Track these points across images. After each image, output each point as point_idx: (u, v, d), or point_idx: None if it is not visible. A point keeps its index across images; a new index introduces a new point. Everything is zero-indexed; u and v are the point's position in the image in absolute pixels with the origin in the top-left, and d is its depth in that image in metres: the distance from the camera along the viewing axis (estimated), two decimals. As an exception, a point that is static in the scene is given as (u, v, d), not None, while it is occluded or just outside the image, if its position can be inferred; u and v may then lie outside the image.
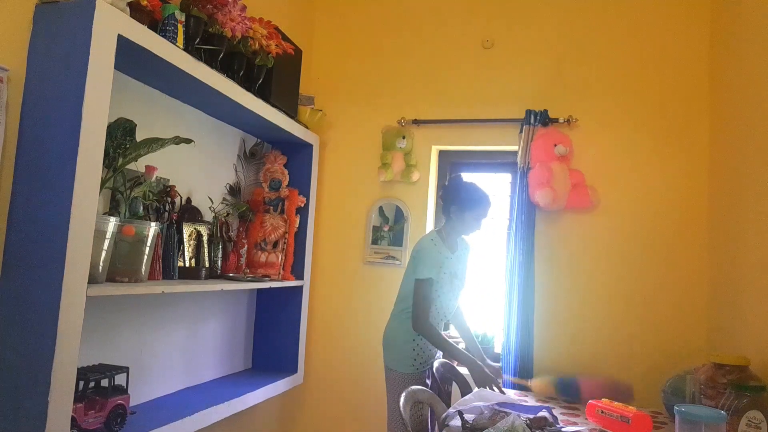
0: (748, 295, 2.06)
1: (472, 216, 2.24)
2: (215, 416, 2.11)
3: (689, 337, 2.49)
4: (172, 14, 1.81)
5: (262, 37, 2.21)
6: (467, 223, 2.25)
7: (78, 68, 1.44)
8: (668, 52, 2.66)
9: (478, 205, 2.23)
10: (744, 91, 2.20)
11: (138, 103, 1.97)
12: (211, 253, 2.30)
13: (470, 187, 2.27)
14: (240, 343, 2.73)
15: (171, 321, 2.21)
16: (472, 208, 2.23)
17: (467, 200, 2.23)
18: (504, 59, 2.90)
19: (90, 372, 1.66)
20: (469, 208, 2.23)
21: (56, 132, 1.45)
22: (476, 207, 2.23)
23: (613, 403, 1.89)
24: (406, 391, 1.98)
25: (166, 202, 2.02)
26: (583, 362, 2.61)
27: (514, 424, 1.63)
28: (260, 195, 2.69)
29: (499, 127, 2.85)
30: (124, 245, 1.69)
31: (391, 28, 3.13)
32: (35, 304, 1.41)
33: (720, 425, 1.47)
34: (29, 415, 1.38)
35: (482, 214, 2.26)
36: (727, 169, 2.36)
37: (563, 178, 2.61)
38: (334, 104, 3.14)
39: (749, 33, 2.18)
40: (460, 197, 2.24)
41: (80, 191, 1.43)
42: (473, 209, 2.23)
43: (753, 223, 2.05)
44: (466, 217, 2.23)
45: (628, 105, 2.69)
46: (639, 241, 2.61)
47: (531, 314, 2.65)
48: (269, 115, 2.42)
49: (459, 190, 2.27)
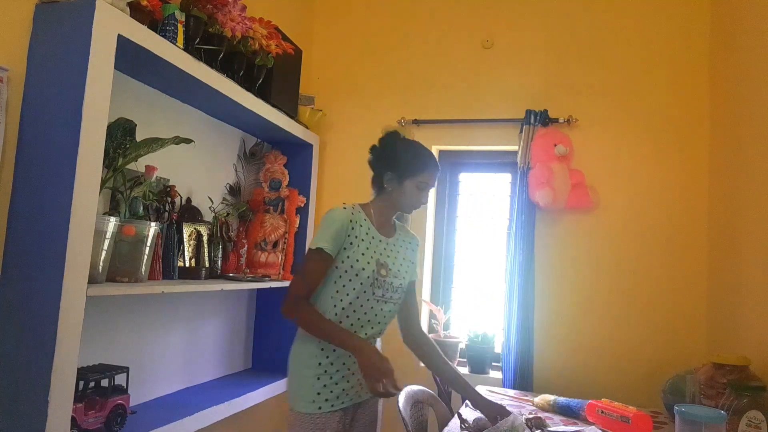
0: (748, 295, 2.06)
1: (414, 184, 1.66)
2: (215, 416, 2.10)
3: (689, 337, 2.49)
4: (172, 14, 1.81)
5: (262, 37, 2.21)
6: (407, 195, 1.67)
7: (78, 68, 1.44)
8: (668, 52, 2.66)
9: (424, 167, 1.67)
10: (744, 91, 2.20)
11: (138, 103, 1.97)
12: (211, 253, 2.29)
13: (411, 145, 1.72)
14: (240, 343, 2.73)
15: (171, 321, 2.21)
16: (415, 172, 1.66)
17: (408, 162, 1.67)
18: (504, 59, 2.90)
19: (90, 372, 1.66)
20: (410, 174, 1.66)
21: (56, 132, 1.45)
22: (421, 171, 1.66)
23: (613, 403, 1.89)
24: (406, 391, 1.97)
25: (166, 202, 2.02)
26: (583, 362, 2.61)
27: (514, 424, 1.63)
28: (260, 195, 2.69)
29: (499, 127, 2.85)
30: (124, 245, 1.69)
31: (391, 28, 3.13)
32: (35, 304, 1.41)
33: (720, 425, 1.47)
34: (29, 415, 1.37)
35: (428, 182, 1.68)
36: (727, 168, 2.36)
37: (563, 178, 2.61)
38: (334, 104, 3.14)
39: (749, 33, 2.18)
40: (398, 159, 1.68)
41: (80, 191, 1.43)
42: (416, 174, 1.66)
43: (753, 223, 2.05)
44: (406, 186, 1.67)
45: (628, 105, 2.69)
46: (639, 241, 2.61)
47: (531, 314, 2.65)
48: (269, 115, 2.42)
49: (396, 149, 1.70)
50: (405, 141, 1.74)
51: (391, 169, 1.69)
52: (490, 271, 2.97)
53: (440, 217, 3.07)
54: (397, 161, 1.68)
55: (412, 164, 1.67)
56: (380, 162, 1.72)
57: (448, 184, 3.08)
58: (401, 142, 1.73)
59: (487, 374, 2.75)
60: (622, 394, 2.33)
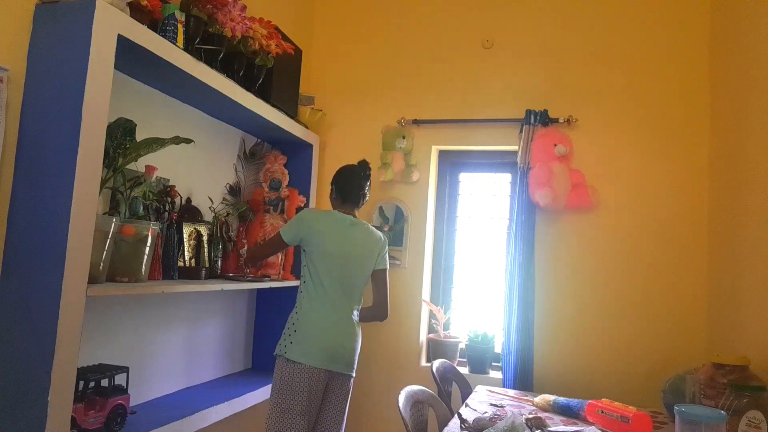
0: (748, 295, 2.06)
1: (338, 187, 2.22)
2: (215, 416, 2.11)
3: (689, 337, 2.49)
4: (172, 14, 1.81)
5: (262, 37, 2.21)
6: (344, 191, 2.21)
7: (78, 68, 1.44)
8: (668, 52, 2.66)
9: (341, 176, 2.23)
10: (744, 91, 2.20)
11: (138, 103, 1.97)
12: (211, 253, 2.29)
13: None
14: (240, 343, 2.73)
15: (171, 321, 2.21)
16: (337, 180, 2.24)
17: (336, 176, 2.26)
18: (504, 59, 2.90)
19: (90, 372, 1.66)
20: (335, 181, 2.25)
21: (56, 132, 1.45)
22: (340, 178, 2.23)
23: (613, 403, 1.89)
24: (406, 391, 1.97)
25: (166, 202, 2.02)
26: (583, 362, 2.61)
27: (514, 424, 1.63)
28: (260, 195, 2.69)
29: (499, 127, 2.85)
30: (124, 245, 1.69)
31: (391, 28, 3.13)
32: (35, 304, 1.41)
33: (720, 425, 1.47)
34: (29, 415, 1.37)
35: (347, 183, 2.20)
36: (727, 168, 2.36)
37: (563, 178, 2.61)
38: (334, 104, 3.14)
39: (749, 33, 2.18)
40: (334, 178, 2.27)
41: (80, 191, 1.43)
42: (338, 180, 2.24)
43: (753, 223, 2.05)
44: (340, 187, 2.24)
45: (628, 105, 2.69)
46: (639, 241, 2.61)
47: (531, 314, 2.65)
48: (269, 115, 2.42)
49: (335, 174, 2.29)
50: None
51: (332, 184, 2.26)
52: (490, 271, 2.97)
53: (440, 217, 3.07)
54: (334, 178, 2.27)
55: (337, 176, 2.26)
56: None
57: (448, 184, 3.08)
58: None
59: (487, 374, 2.75)
60: (622, 394, 2.34)
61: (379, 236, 2.22)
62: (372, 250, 2.16)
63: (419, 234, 2.95)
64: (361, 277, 2.13)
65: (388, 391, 2.77)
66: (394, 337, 2.92)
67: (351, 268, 2.10)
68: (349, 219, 2.16)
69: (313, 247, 2.08)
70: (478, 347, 2.77)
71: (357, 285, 2.12)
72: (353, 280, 2.10)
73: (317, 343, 1.98)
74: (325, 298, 2.04)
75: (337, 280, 2.06)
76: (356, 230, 2.15)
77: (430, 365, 2.46)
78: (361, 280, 2.14)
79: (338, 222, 2.13)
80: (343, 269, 2.08)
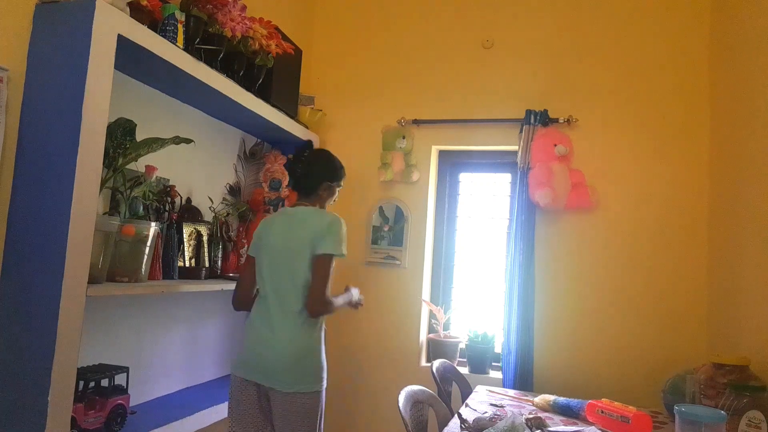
0: (748, 296, 2.06)
1: (339, 186, 2.07)
2: (215, 416, 2.11)
3: (689, 337, 2.49)
4: (172, 14, 1.81)
5: (262, 37, 2.21)
6: (334, 195, 2.06)
7: (78, 68, 1.44)
8: (668, 52, 2.66)
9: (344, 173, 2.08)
10: (744, 91, 2.20)
11: (138, 103, 1.97)
12: (211, 253, 2.30)
13: (334, 156, 2.08)
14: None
15: (171, 321, 2.21)
16: (342, 177, 2.07)
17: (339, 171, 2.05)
18: (504, 59, 2.90)
19: (90, 372, 1.67)
20: (339, 179, 2.05)
21: (56, 132, 1.45)
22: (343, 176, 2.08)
23: (613, 403, 1.89)
24: (406, 391, 1.97)
25: (166, 202, 2.02)
26: (583, 362, 2.61)
27: (514, 424, 1.63)
28: (260, 195, 2.69)
29: (499, 127, 2.85)
30: (124, 245, 1.69)
31: (391, 28, 3.13)
32: (35, 304, 1.41)
33: (720, 425, 1.47)
34: (29, 415, 1.37)
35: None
36: (727, 168, 2.36)
37: (563, 178, 2.61)
38: (334, 104, 3.14)
39: (749, 33, 2.18)
40: (335, 169, 2.04)
41: (80, 191, 1.43)
42: (342, 179, 2.07)
43: (753, 223, 2.05)
44: (335, 188, 2.05)
45: (628, 105, 2.69)
46: (639, 241, 2.61)
47: (531, 314, 2.65)
48: (269, 115, 2.42)
49: (331, 161, 2.05)
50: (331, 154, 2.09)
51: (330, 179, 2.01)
52: (490, 271, 2.97)
53: (440, 217, 3.07)
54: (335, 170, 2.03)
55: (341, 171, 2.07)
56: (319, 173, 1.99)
57: (448, 184, 3.08)
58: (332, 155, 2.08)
59: (487, 374, 2.75)
60: (622, 394, 2.34)
61: (319, 220, 1.88)
62: (303, 239, 1.84)
63: (419, 234, 2.95)
64: (288, 274, 1.83)
65: (388, 391, 2.76)
66: (394, 337, 2.92)
67: (277, 267, 1.86)
68: (288, 211, 1.98)
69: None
70: (478, 347, 2.77)
71: (287, 286, 1.83)
72: (281, 282, 1.84)
73: (240, 354, 1.91)
74: (262, 306, 1.87)
75: (269, 284, 1.86)
76: (285, 223, 1.92)
77: (430, 365, 2.46)
78: (288, 277, 1.83)
79: (272, 220, 1.97)
80: (271, 271, 1.87)
